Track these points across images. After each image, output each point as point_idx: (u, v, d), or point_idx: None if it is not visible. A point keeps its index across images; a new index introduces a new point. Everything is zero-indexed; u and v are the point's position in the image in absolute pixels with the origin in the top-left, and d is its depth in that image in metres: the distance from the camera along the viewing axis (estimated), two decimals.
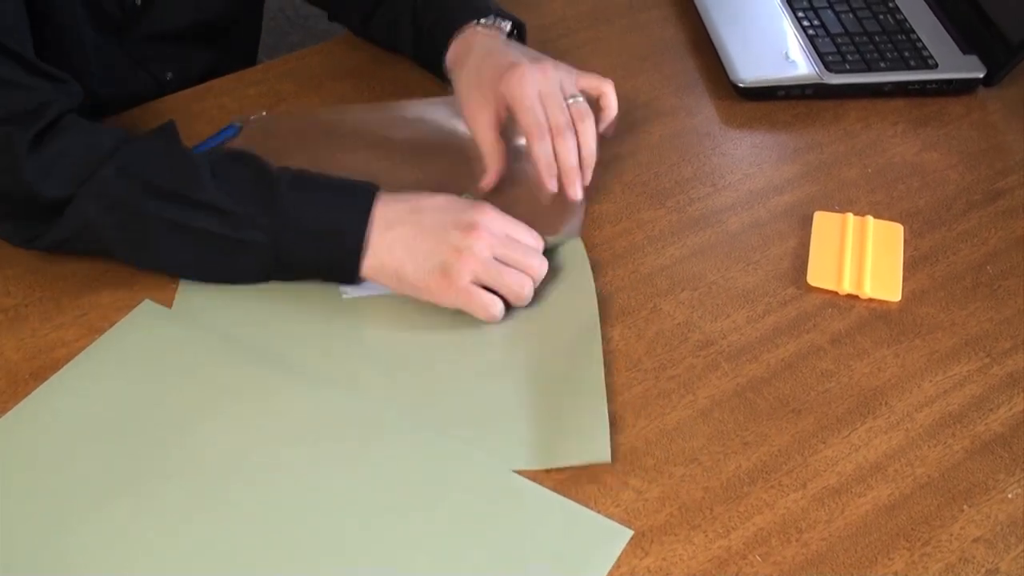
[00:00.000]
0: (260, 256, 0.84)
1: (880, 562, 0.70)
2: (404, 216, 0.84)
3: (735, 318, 0.87)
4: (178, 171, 0.84)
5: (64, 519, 0.71)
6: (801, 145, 1.06)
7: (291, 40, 2.50)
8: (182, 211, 0.82)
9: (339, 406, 0.78)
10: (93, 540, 0.69)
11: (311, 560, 0.69)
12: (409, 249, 0.83)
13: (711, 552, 0.71)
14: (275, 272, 0.86)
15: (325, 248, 0.84)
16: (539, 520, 0.72)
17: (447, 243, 0.82)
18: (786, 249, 0.94)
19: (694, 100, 1.11)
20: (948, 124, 1.09)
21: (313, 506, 0.72)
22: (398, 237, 0.83)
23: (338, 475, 0.74)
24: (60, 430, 0.76)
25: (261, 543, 0.70)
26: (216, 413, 0.77)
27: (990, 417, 0.80)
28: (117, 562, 0.69)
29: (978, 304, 0.89)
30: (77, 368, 0.80)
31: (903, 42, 1.14)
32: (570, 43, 1.18)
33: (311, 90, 1.10)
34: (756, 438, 0.78)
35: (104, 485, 0.73)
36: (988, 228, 0.96)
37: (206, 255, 0.85)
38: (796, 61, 1.12)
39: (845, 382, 0.82)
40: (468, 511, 0.72)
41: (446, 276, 0.82)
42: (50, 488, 0.73)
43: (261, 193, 0.83)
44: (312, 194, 0.84)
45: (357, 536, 0.70)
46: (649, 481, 0.75)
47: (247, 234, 0.83)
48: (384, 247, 0.83)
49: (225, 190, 0.83)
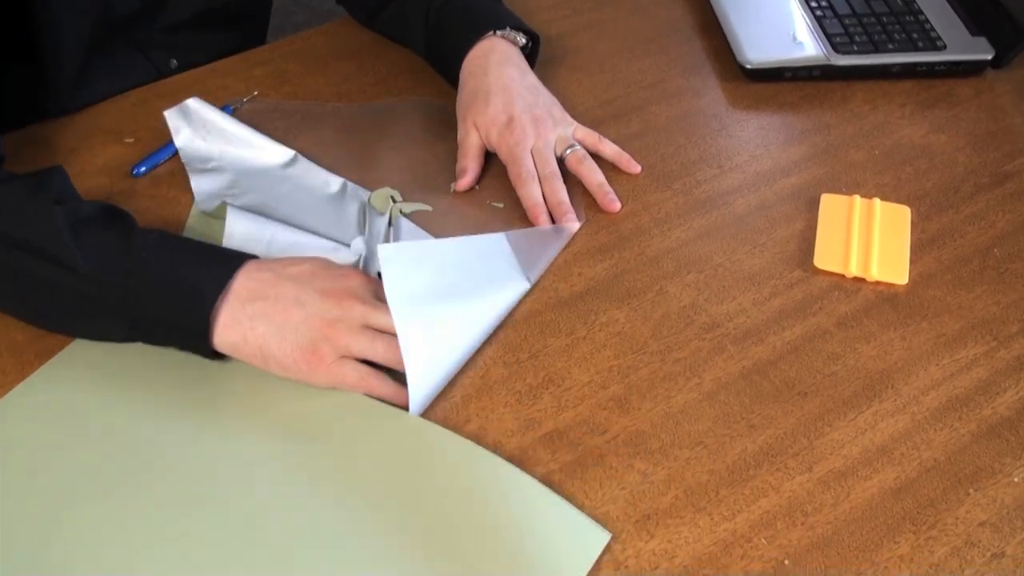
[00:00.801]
0: (114, 316, 0.77)
1: (886, 545, 0.70)
2: (266, 288, 0.77)
3: (741, 301, 0.87)
4: (33, 221, 0.76)
5: (32, 527, 0.70)
6: (808, 127, 1.05)
7: (296, 20, 2.50)
8: (31, 262, 0.76)
9: (318, 401, 0.77)
10: (62, 548, 0.69)
11: (287, 554, 0.68)
12: (272, 323, 0.75)
13: (716, 535, 0.71)
14: (133, 333, 0.78)
15: (178, 308, 0.76)
16: (521, 513, 0.71)
17: (317, 314, 0.76)
18: (793, 231, 0.93)
19: (701, 82, 1.11)
20: (956, 106, 1.08)
21: (293, 503, 0.71)
22: (259, 312, 0.76)
23: (319, 469, 0.73)
24: (27, 434, 0.75)
25: (246, 541, 0.69)
26: (182, 421, 0.76)
27: (997, 401, 0.80)
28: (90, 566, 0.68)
29: (985, 287, 0.89)
30: (46, 373, 0.79)
31: (911, 23, 1.14)
32: (576, 24, 1.18)
33: (316, 70, 1.10)
34: (762, 421, 0.78)
35: (73, 491, 0.72)
36: (996, 211, 0.96)
37: (62, 310, 0.79)
38: (803, 42, 1.12)
39: (851, 365, 0.82)
40: (451, 501, 0.71)
41: (315, 352, 0.75)
42: (19, 493, 0.72)
43: (116, 249, 0.76)
44: (173, 255, 0.77)
45: (333, 527, 0.69)
46: (655, 464, 0.75)
47: (95, 292, 0.76)
48: (244, 321, 0.76)
49: (77, 244, 0.75)
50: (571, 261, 0.90)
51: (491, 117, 0.97)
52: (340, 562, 0.68)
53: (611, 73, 1.11)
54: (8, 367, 0.79)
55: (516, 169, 0.95)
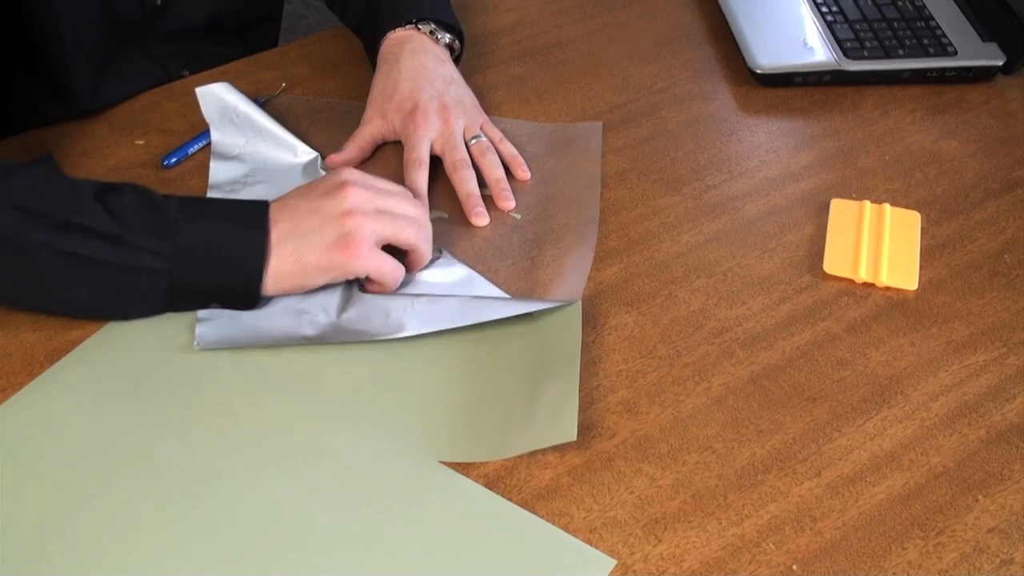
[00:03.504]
0: (155, 284, 0.79)
1: (894, 551, 0.70)
2: (287, 219, 0.80)
3: (750, 305, 0.87)
4: (63, 199, 0.78)
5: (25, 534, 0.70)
6: (818, 132, 1.05)
7: (307, 23, 2.50)
8: (70, 239, 0.76)
9: (313, 419, 0.77)
10: (67, 549, 0.69)
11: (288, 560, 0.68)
12: (299, 238, 0.79)
13: (724, 540, 0.71)
14: (171, 301, 0.81)
15: (225, 278, 0.80)
16: (518, 546, 0.70)
17: (330, 212, 0.80)
18: (802, 237, 0.93)
19: (711, 86, 1.11)
20: (966, 112, 1.08)
21: (292, 511, 0.71)
22: (283, 234, 0.79)
23: (315, 494, 0.72)
24: (35, 435, 0.75)
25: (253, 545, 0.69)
26: (186, 428, 0.76)
27: (1006, 407, 0.80)
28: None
29: (995, 293, 0.89)
30: (46, 382, 0.79)
31: (922, 29, 1.14)
32: (587, 28, 1.18)
33: (327, 74, 1.10)
34: (771, 426, 0.78)
35: (80, 493, 0.72)
36: (1006, 217, 0.96)
37: (99, 286, 0.79)
38: (814, 47, 1.12)
39: (860, 371, 0.82)
40: (444, 534, 0.70)
41: (348, 243, 0.79)
42: (27, 493, 0.72)
43: (152, 218, 0.78)
44: (204, 222, 0.80)
45: (322, 552, 0.69)
46: (663, 468, 0.75)
47: (141, 260, 0.77)
48: (277, 254, 0.79)
49: (114, 216, 0.77)
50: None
51: (396, 104, 0.97)
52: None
53: (621, 77, 1.11)
54: (17, 368, 0.79)
55: (407, 154, 0.95)
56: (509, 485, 0.73)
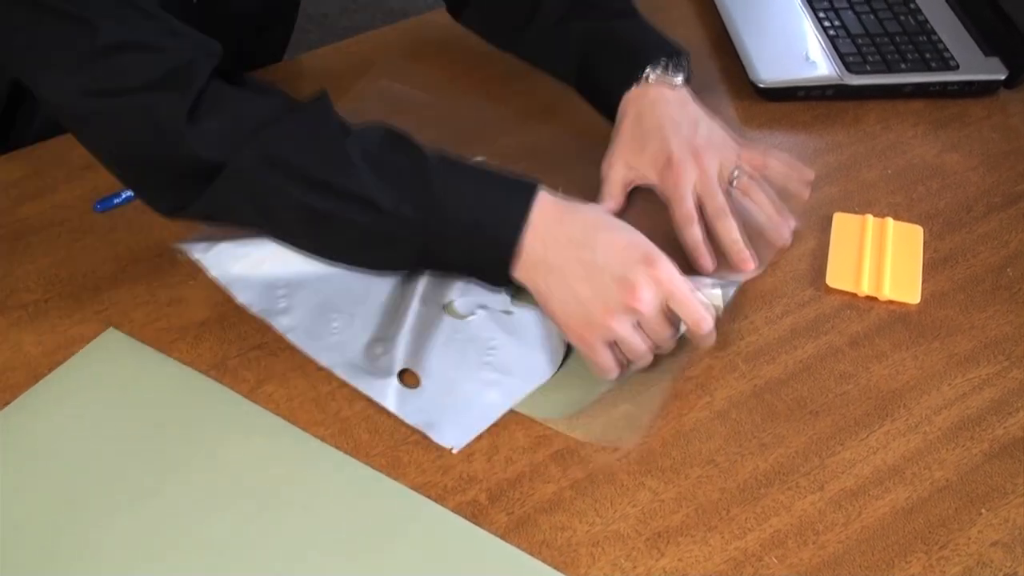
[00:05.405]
0: (405, 250, 0.82)
1: (897, 565, 0.70)
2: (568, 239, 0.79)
3: (753, 319, 0.87)
4: (328, 157, 0.80)
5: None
6: (821, 146, 1.05)
7: (311, 39, 2.51)
8: (327, 201, 0.78)
9: (307, 450, 0.77)
10: (66, 555, 0.69)
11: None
12: (562, 280, 0.78)
13: (727, 553, 0.71)
14: (420, 265, 0.85)
15: (477, 252, 0.81)
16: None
17: (604, 299, 0.77)
18: (805, 250, 0.93)
19: (714, 100, 1.10)
20: (969, 126, 1.08)
21: (291, 524, 0.71)
22: (556, 262, 0.78)
23: (313, 526, 0.72)
24: (27, 448, 0.75)
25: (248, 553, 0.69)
26: (182, 447, 0.76)
27: (1009, 420, 0.80)
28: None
29: (998, 307, 0.89)
30: (35, 396, 0.79)
31: (924, 43, 1.14)
32: None
33: (331, 89, 1.10)
34: (773, 439, 0.78)
35: (79, 498, 0.72)
36: (1008, 231, 0.96)
37: (348, 245, 0.83)
38: (816, 62, 1.12)
39: (863, 384, 0.82)
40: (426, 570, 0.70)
41: (589, 327, 0.78)
42: (26, 499, 0.72)
43: (413, 184, 0.79)
44: (466, 187, 0.81)
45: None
46: (666, 482, 0.75)
47: (395, 229, 0.79)
48: (538, 270, 0.79)
49: (377, 180, 0.79)
50: None
51: (649, 159, 0.93)
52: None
53: None
54: (20, 380, 0.79)
55: (676, 211, 0.91)
56: (512, 498, 0.73)
